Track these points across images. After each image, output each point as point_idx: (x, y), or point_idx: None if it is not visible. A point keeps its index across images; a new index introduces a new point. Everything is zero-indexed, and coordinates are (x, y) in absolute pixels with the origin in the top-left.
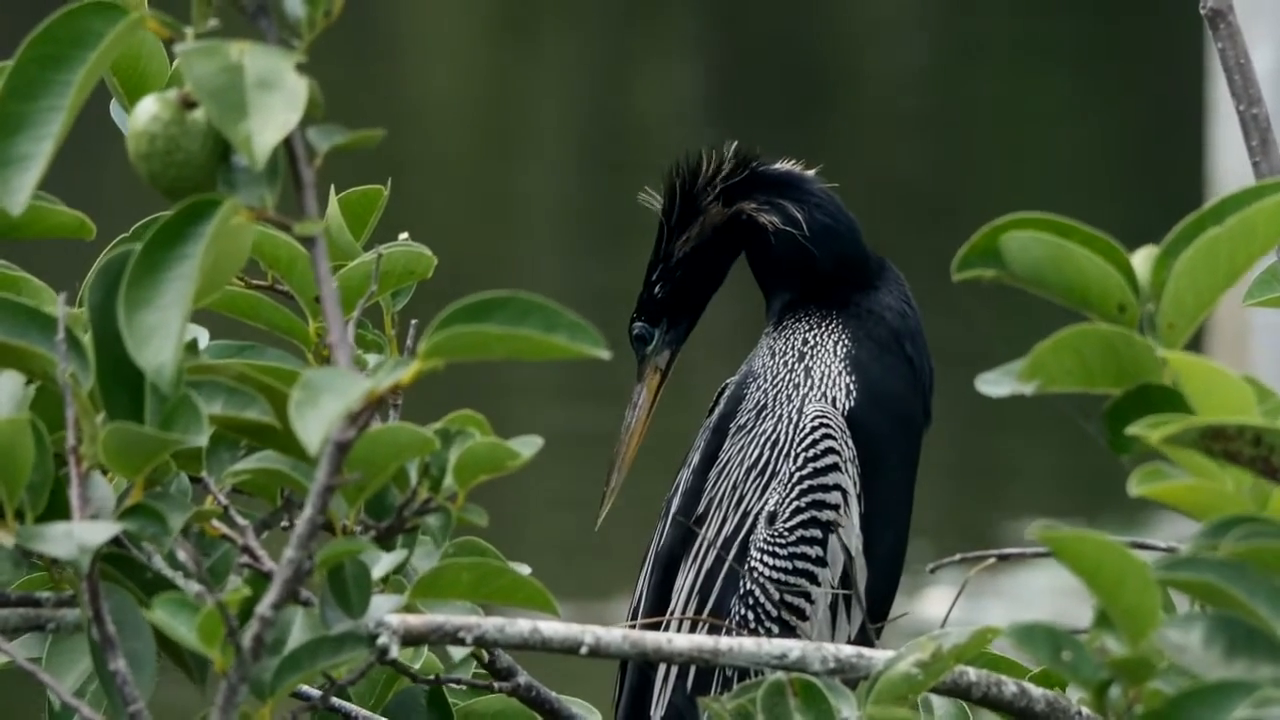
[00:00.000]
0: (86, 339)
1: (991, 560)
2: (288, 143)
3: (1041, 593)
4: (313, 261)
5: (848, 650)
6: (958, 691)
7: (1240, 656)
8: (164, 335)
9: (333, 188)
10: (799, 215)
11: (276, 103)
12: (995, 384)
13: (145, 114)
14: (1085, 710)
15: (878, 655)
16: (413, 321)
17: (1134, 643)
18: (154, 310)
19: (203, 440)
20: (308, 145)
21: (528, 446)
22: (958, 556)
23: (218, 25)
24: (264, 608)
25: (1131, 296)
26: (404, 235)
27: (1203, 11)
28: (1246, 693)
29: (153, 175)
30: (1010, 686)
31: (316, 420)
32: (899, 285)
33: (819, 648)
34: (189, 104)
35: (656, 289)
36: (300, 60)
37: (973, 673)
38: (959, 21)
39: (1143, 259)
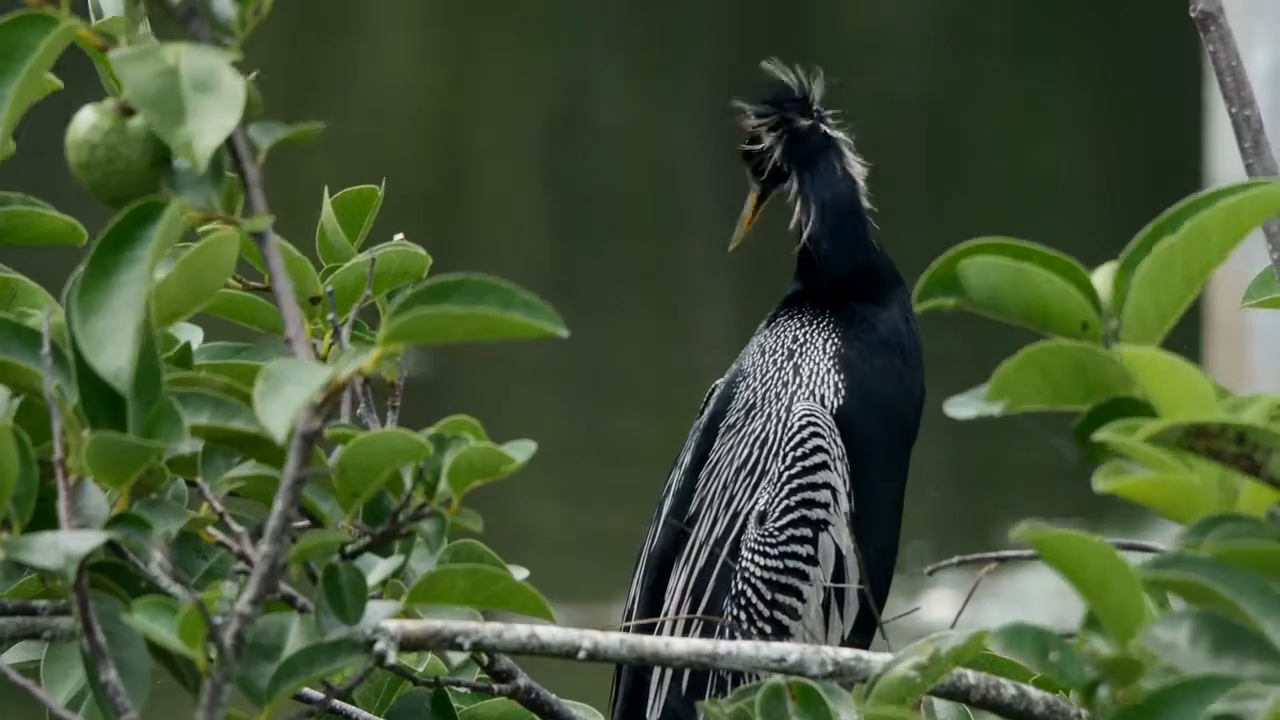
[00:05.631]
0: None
1: (993, 564)
2: (230, 142)
3: (1041, 595)
4: (264, 257)
5: (846, 653)
6: (956, 694)
7: (1228, 653)
8: (119, 340)
9: (326, 189)
10: (814, 232)
11: (214, 105)
12: (963, 406)
13: (84, 124)
14: (1085, 713)
15: (876, 658)
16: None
17: (1121, 643)
18: (106, 315)
19: (184, 448)
20: (250, 143)
21: (521, 451)
22: (956, 559)
23: (148, 32)
24: (242, 604)
25: (1093, 313)
26: (399, 236)
27: (1193, 14)
28: (1229, 687)
29: (95, 185)
30: (1009, 689)
31: (280, 409)
32: (903, 306)
33: (817, 650)
34: (127, 111)
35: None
36: (235, 58)
37: (972, 675)
38: (958, 21)
39: (1103, 275)
